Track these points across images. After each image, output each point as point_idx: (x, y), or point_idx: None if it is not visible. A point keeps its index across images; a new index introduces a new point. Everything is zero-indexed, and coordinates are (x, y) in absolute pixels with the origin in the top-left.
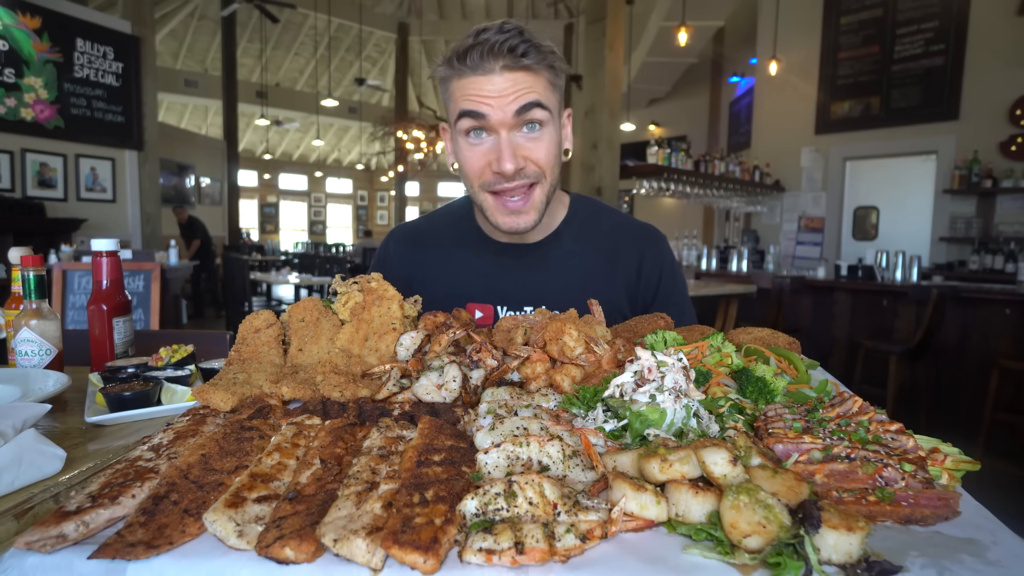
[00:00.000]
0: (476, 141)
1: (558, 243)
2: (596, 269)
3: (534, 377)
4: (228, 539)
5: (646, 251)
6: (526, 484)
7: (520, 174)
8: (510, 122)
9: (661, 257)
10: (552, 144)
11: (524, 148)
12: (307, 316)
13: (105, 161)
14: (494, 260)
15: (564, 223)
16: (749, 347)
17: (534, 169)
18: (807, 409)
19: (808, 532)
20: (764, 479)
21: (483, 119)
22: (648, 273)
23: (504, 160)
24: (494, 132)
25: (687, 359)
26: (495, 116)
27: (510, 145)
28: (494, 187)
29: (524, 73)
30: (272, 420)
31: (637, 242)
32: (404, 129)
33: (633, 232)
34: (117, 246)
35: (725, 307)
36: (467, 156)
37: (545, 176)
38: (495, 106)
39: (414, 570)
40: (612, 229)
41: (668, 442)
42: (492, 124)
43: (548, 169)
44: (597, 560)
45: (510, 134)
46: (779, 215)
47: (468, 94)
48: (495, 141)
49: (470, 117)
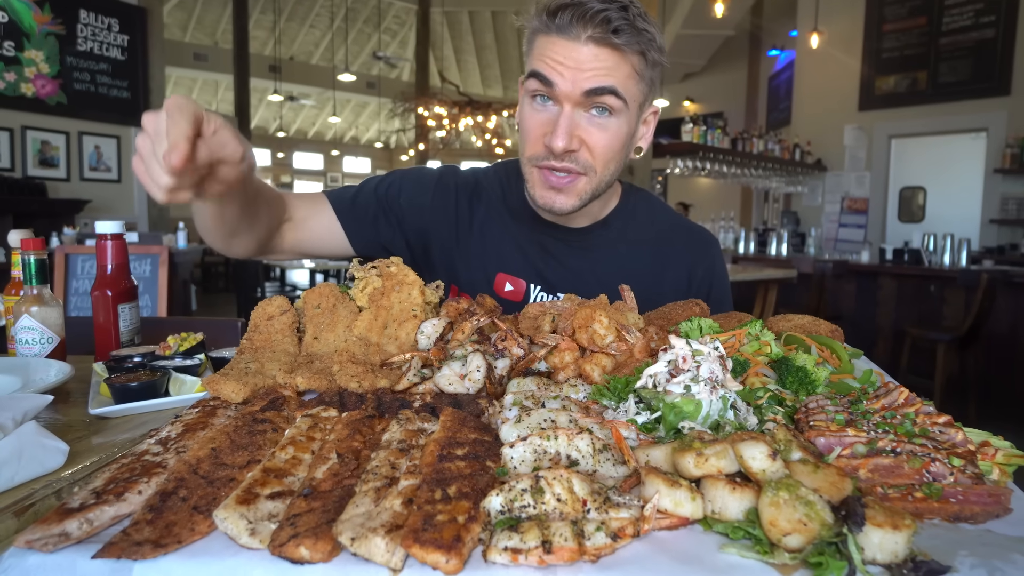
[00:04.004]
0: (539, 107)
1: (605, 232)
2: (643, 266)
3: (562, 367)
4: (240, 538)
5: (700, 257)
6: (554, 480)
7: (569, 157)
8: (577, 98)
9: (714, 265)
10: (616, 138)
11: (584, 130)
12: (323, 302)
13: (110, 139)
14: (535, 235)
15: (614, 213)
16: (789, 335)
17: (586, 158)
18: (850, 401)
19: (851, 530)
20: (805, 474)
21: (551, 87)
22: (700, 281)
23: (557, 136)
24: (559, 103)
25: (724, 348)
26: (563, 87)
27: (569, 122)
28: (541, 162)
29: (610, 51)
30: (286, 412)
31: (691, 247)
32: (425, 105)
33: (688, 235)
34: (122, 228)
35: (764, 293)
36: (526, 119)
37: (596, 170)
38: (567, 76)
39: (436, 570)
40: (665, 228)
41: (704, 435)
42: (558, 94)
43: (602, 163)
44: (629, 560)
45: (574, 111)
46: (821, 196)
47: (545, 55)
48: (557, 112)
49: (538, 80)
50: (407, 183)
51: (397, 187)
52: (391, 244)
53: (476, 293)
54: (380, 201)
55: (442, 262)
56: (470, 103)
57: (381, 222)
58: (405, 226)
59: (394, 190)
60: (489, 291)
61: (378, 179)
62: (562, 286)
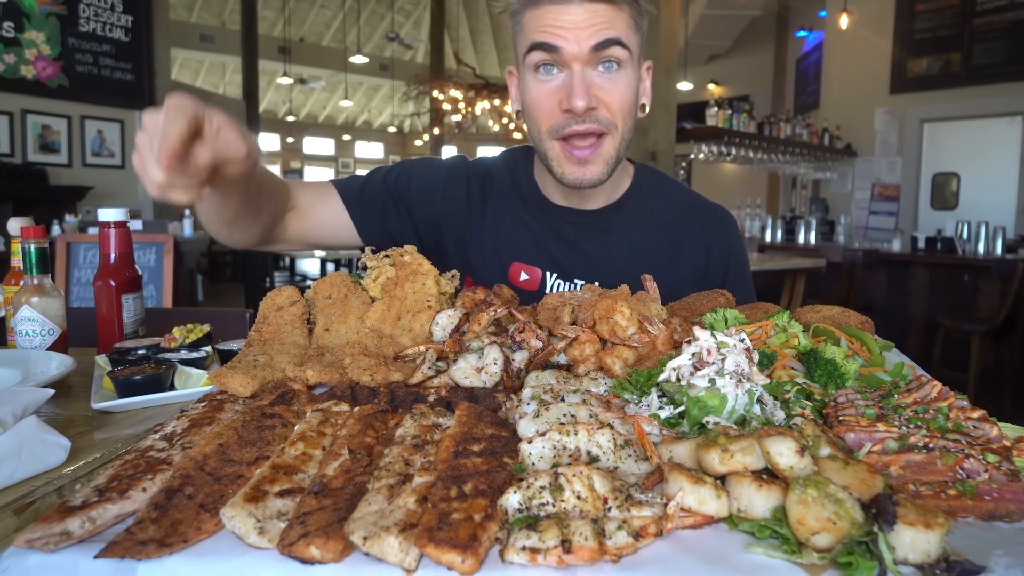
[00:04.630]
0: (546, 77)
1: (619, 214)
2: (659, 249)
3: (582, 359)
4: (248, 537)
5: (716, 236)
6: (574, 477)
7: (591, 116)
8: (585, 56)
9: (731, 244)
10: (629, 89)
11: (598, 87)
12: (334, 293)
13: (113, 123)
14: (547, 222)
15: (627, 194)
16: (818, 327)
17: (606, 115)
18: (881, 395)
19: (882, 529)
20: (834, 471)
21: (556, 52)
22: (717, 261)
23: (575, 96)
24: (566, 67)
25: (750, 340)
26: (569, 49)
27: (583, 80)
28: (563, 131)
29: (605, 6)
30: (296, 407)
31: (707, 225)
32: (440, 88)
33: (703, 213)
34: (126, 216)
35: (791, 283)
36: (534, 95)
37: (616, 126)
38: (570, 38)
39: (451, 570)
40: (680, 208)
41: (729, 431)
42: (565, 58)
43: (621, 118)
44: (651, 560)
45: (584, 69)
46: (850, 182)
47: (542, 25)
48: (567, 77)
49: (541, 50)
50: (417, 172)
51: (407, 176)
52: (400, 235)
53: (490, 284)
54: (390, 190)
55: (456, 253)
56: (487, 86)
57: (390, 212)
58: (415, 216)
59: (404, 179)
60: (504, 281)
61: (387, 168)
62: (578, 272)
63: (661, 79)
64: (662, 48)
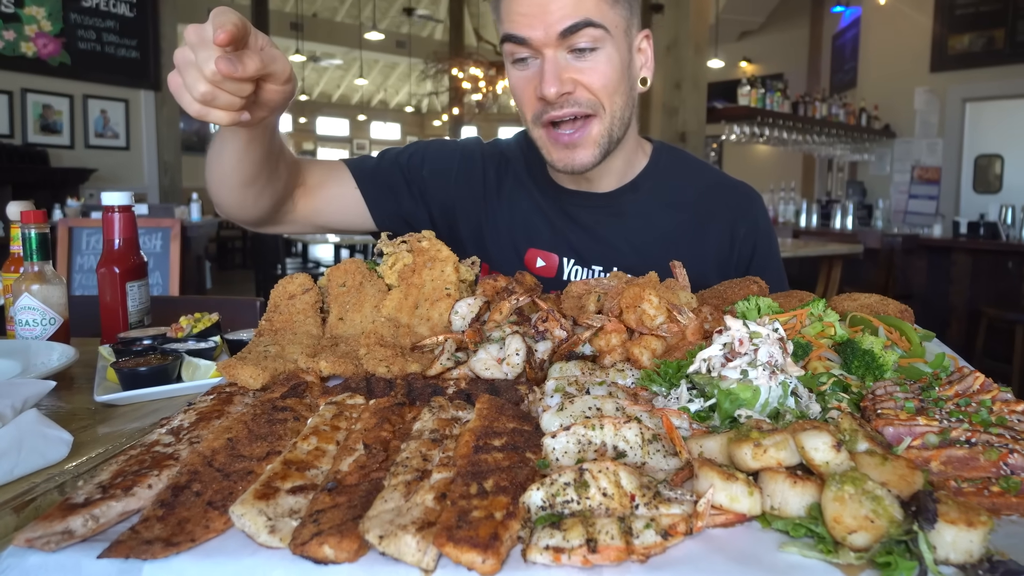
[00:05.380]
0: (523, 68)
1: (635, 196)
2: (681, 230)
3: (609, 350)
4: (258, 535)
5: (741, 215)
6: (599, 473)
7: (569, 100)
8: (554, 42)
9: (757, 222)
10: (611, 68)
11: (573, 70)
12: (349, 280)
13: (117, 103)
14: (562, 206)
15: (643, 174)
16: (855, 316)
17: (586, 96)
18: (921, 387)
19: (923, 528)
20: (872, 467)
21: (524, 43)
22: (742, 241)
23: (547, 82)
24: (539, 54)
25: (784, 329)
26: (536, 36)
27: (555, 66)
28: (544, 118)
29: None
30: (308, 399)
31: (731, 204)
32: (460, 66)
33: (727, 192)
34: (131, 200)
35: (827, 269)
36: (514, 84)
37: (603, 107)
38: (536, 25)
39: (471, 571)
40: (702, 186)
41: (762, 424)
42: (535, 46)
43: (606, 97)
44: (681, 559)
45: (556, 53)
46: (889, 164)
47: (511, 13)
48: (541, 64)
49: (511, 41)
50: (431, 154)
51: (420, 157)
52: (413, 218)
53: (506, 270)
54: (403, 171)
55: (470, 238)
56: None
57: (403, 194)
58: (429, 199)
59: (416, 160)
60: (520, 268)
61: (399, 149)
62: (596, 258)
63: (691, 56)
64: (692, 24)
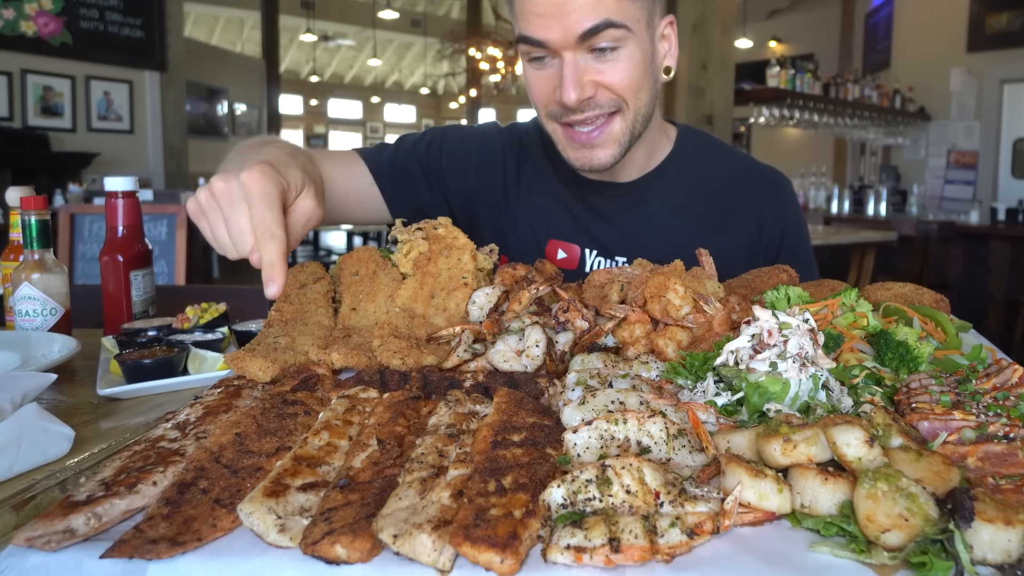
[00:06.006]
0: (539, 66)
1: (659, 184)
2: (706, 218)
3: (632, 341)
4: (267, 535)
5: (770, 201)
6: (622, 469)
7: (590, 104)
8: (573, 45)
9: (786, 208)
10: (634, 66)
11: (594, 72)
12: (362, 269)
13: (121, 84)
14: (583, 196)
15: (668, 160)
16: (888, 306)
17: (608, 96)
18: (957, 380)
19: (959, 526)
20: (906, 463)
21: (542, 45)
22: (771, 228)
23: (567, 88)
24: (557, 55)
25: (814, 320)
26: (554, 39)
27: (575, 69)
28: (562, 118)
29: None
30: (320, 393)
31: (759, 190)
32: (477, 46)
33: (754, 177)
34: (135, 185)
35: (860, 258)
36: (530, 81)
37: (627, 103)
38: (554, 27)
39: (489, 571)
40: (729, 172)
41: (792, 419)
42: (552, 48)
43: (630, 95)
44: (707, 559)
45: (576, 55)
46: (924, 149)
47: (526, 12)
48: (559, 65)
49: (527, 43)
50: (448, 141)
51: (438, 145)
52: (432, 210)
53: (526, 263)
54: (420, 161)
55: (489, 230)
56: None
57: (421, 185)
58: (447, 189)
59: (435, 148)
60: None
61: (416, 136)
62: (619, 249)
63: (718, 37)
64: (718, 2)
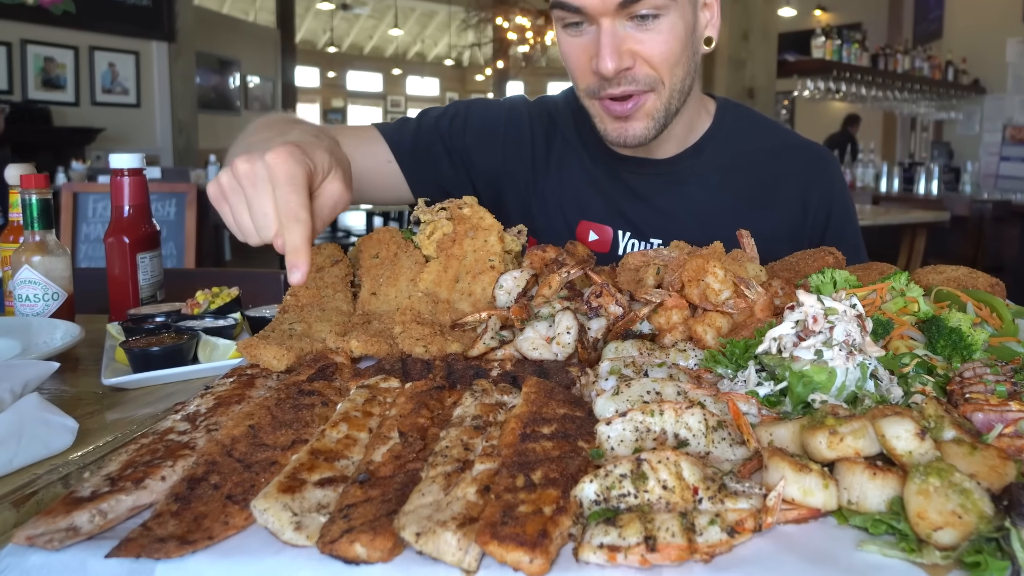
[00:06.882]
0: (575, 33)
1: (697, 160)
2: (747, 197)
3: (669, 328)
4: (283, 533)
5: (815, 179)
6: (659, 463)
7: (626, 78)
8: (611, 11)
9: (832, 186)
10: (674, 38)
11: (633, 41)
12: (382, 251)
13: (127, 55)
14: (616, 173)
15: (707, 136)
16: (940, 290)
17: (646, 72)
18: (1014, 369)
19: (1015, 524)
20: (960, 457)
21: (578, 11)
22: (816, 207)
23: (604, 56)
24: (594, 22)
25: (862, 305)
26: (592, 5)
27: (614, 37)
28: (599, 94)
29: None
30: (338, 382)
31: (803, 167)
32: (505, 15)
33: (798, 154)
34: (142, 162)
35: (910, 239)
36: (565, 51)
37: (663, 81)
38: None
39: (518, 571)
40: (771, 148)
41: (838, 410)
42: (590, 14)
43: (666, 71)
44: (748, 559)
45: (615, 23)
46: (978, 124)
47: None
48: (596, 32)
49: (563, 8)
50: (473, 116)
51: (462, 121)
52: (455, 188)
53: (556, 245)
54: (443, 138)
55: (517, 210)
56: None
57: (444, 162)
58: (472, 167)
59: (459, 124)
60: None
61: (439, 111)
62: (654, 230)
63: (760, 5)
64: None
